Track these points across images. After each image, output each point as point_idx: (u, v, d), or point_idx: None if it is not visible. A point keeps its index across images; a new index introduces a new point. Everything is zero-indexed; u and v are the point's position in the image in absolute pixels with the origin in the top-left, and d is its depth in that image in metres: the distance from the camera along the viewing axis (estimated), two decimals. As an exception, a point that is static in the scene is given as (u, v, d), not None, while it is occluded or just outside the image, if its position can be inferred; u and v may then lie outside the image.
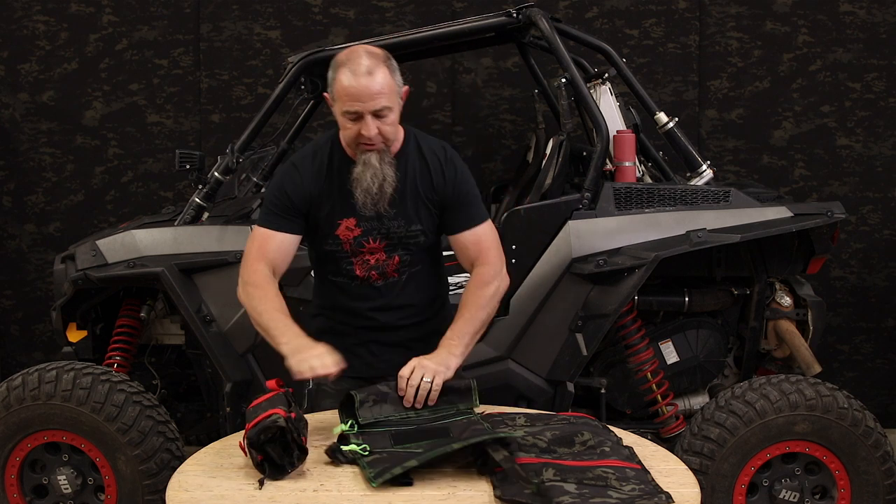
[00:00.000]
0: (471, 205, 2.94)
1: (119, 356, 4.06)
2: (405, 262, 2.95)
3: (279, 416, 2.41)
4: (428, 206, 2.92)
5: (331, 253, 2.95)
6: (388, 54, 2.86)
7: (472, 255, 2.95)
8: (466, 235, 2.94)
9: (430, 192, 2.91)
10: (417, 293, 2.99)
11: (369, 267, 2.94)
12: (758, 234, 3.73)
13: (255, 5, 5.35)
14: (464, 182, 2.94)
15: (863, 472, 3.42)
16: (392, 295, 2.97)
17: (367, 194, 2.84)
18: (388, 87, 2.78)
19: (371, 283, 2.96)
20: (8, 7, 5.42)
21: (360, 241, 2.91)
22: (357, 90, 2.75)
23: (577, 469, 2.34)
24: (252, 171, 4.41)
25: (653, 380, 3.84)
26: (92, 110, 5.44)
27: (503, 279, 2.96)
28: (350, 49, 2.86)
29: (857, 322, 5.34)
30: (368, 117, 2.77)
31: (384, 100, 2.77)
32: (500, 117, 5.37)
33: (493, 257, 2.95)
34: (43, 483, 3.69)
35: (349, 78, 2.76)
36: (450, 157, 2.95)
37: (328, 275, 3.01)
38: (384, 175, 2.83)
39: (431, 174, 2.91)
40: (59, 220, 5.51)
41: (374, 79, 2.76)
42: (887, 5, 5.20)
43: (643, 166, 4.04)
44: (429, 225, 2.94)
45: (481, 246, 2.94)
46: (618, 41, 5.20)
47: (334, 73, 2.82)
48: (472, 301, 2.90)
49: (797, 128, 5.27)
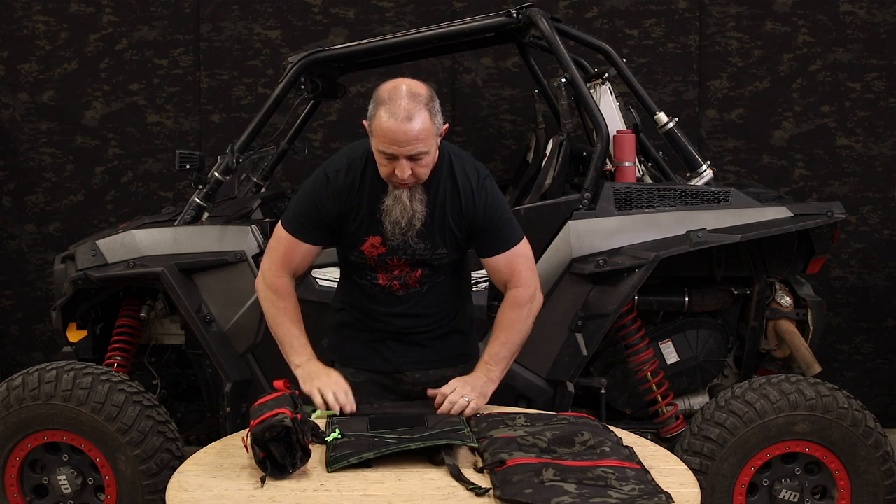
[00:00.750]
0: (502, 228, 2.91)
1: (119, 356, 4.06)
2: (427, 275, 2.96)
3: (285, 415, 2.41)
4: (455, 231, 2.90)
5: (356, 263, 2.98)
6: (432, 94, 2.80)
7: (505, 277, 2.94)
8: (498, 259, 2.93)
9: (459, 218, 2.89)
10: (438, 303, 3.00)
11: (392, 277, 2.96)
12: (758, 234, 3.72)
13: (255, 5, 5.35)
14: (495, 207, 2.90)
15: (863, 472, 3.42)
16: (412, 303, 2.98)
17: (395, 226, 2.84)
18: (426, 133, 2.73)
19: (393, 292, 2.97)
20: (8, 7, 5.42)
21: (384, 259, 2.92)
22: (395, 134, 2.70)
23: (577, 469, 2.35)
24: (252, 171, 4.42)
25: (653, 380, 3.84)
26: (92, 110, 5.45)
27: (537, 300, 2.96)
28: (394, 85, 2.78)
29: (857, 322, 5.35)
30: (403, 160, 2.74)
31: (421, 145, 2.73)
32: (500, 117, 5.37)
33: (526, 279, 2.93)
34: (43, 483, 3.68)
35: (388, 120, 2.70)
36: (482, 181, 2.90)
37: (353, 276, 3.03)
38: (413, 211, 2.82)
39: (462, 200, 2.88)
40: (59, 220, 5.51)
41: (413, 124, 2.70)
42: (887, 5, 5.20)
43: (643, 166, 4.04)
44: (454, 247, 2.93)
45: (514, 268, 2.93)
46: (618, 41, 5.21)
47: (374, 109, 2.76)
48: (507, 324, 2.92)
49: (797, 128, 5.27)
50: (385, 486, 2.33)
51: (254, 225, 3.91)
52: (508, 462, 2.38)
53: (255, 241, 3.87)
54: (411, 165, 2.75)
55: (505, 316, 2.93)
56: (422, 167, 2.78)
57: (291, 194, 4.39)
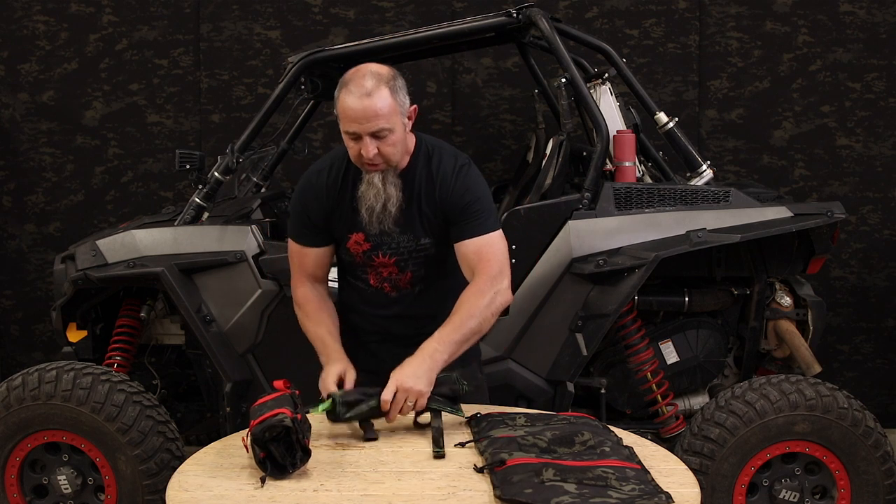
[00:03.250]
0: (476, 215, 2.87)
1: (119, 356, 4.06)
2: (418, 276, 2.96)
3: (286, 415, 2.41)
4: (432, 218, 2.90)
5: (346, 261, 3.01)
6: (395, 73, 2.82)
7: (472, 264, 2.85)
8: (466, 244, 2.86)
9: (434, 206, 2.89)
10: (431, 305, 2.98)
11: (382, 279, 2.97)
12: (758, 234, 3.72)
13: (255, 5, 5.35)
14: (470, 192, 2.88)
15: (863, 472, 3.42)
16: (405, 304, 2.98)
17: (371, 212, 2.85)
18: (389, 109, 2.74)
19: (385, 294, 2.98)
20: (8, 7, 5.42)
21: (369, 255, 2.93)
22: (355, 111, 2.74)
23: (577, 469, 2.34)
24: (252, 171, 4.42)
25: (653, 380, 3.84)
26: (92, 110, 5.45)
27: (502, 293, 2.83)
28: (357, 67, 2.83)
29: (857, 322, 5.35)
30: (367, 138, 2.76)
31: (383, 122, 2.74)
32: (500, 117, 5.37)
33: (492, 269, 2.83)
34: (43, 483, 3.69)
35: (349, 98, 2.75)
36: (459, 168, 2.89)
37: (348, 276, 3.06)
38: (387, 195, 2.83)
39: (436, 187, 2.88)
40: (59, 220, 5.51)
41: (373, 100, 2.73)
42: (887, 5, 5.20)
43: (643, 166, 4.04)
44: (437, 238, 2.92)
45: (481, 256, 2.84)
46: (618, 41, 5.21)
47: (338, 92, 2.80)
48: (464, 309, 2.79)
49: (797, 128, 5.27)
50: (385, 486, 2.33)
51: (254, 225, 3.91)
52: (508, 462, 2.38)
53: (255, 241, 3.87)
54: (377, 144, 2.76)
55: (464, 301, 2.80)
56: (388, 146, 2.78)
57: (291, 194, 4.39)
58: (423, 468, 2.42)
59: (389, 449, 2.57)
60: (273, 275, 3.82)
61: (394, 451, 2.55)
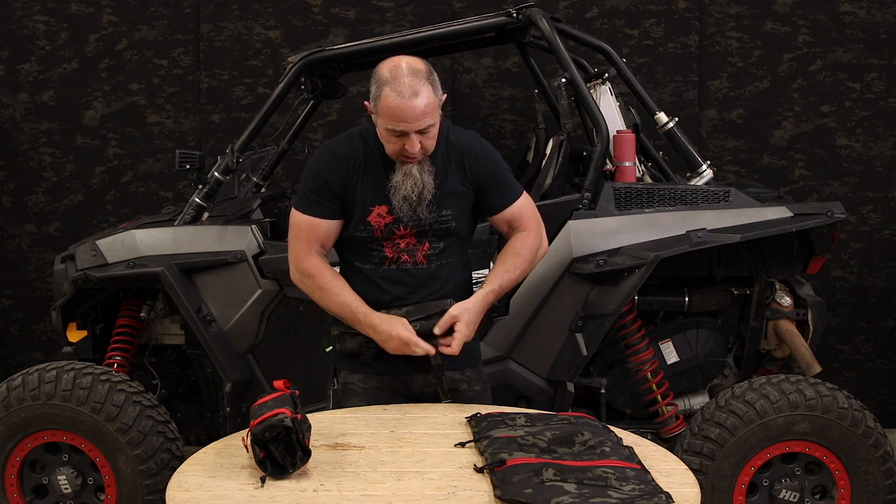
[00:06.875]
0: (504, 183, 2.99)
1: (119, 356, 4.06)
2: (435, 251, 2.95)
3: (286, 415, 2.41)
4: (462, 189, 2.95)
5: (361, 239, 2.96)
6: (430, 67, 2.86)
7: (515, 225, 3.03)
8: (505, 214, 3.01)
9: (464, 177, 2.94)
10: (444, 286, 2.97)
11: (399, 249, 2.95)
12: (758, 234, 3.73)
13: (255, 5, 5.35)
14: (495, 161, 2.99)
15: (863, 472, 3.42)
16: (419, 281, 2.95)
17: (405, 201, 2.88)
18: (432, 106, 2.80)
19: (400, 265, 2.95)
20: (8, 7, 5.42)
21: (391, 229, 2.93)
22: (403, 112, 2.76)
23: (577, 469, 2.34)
24: (252, 171, 4.42)
25: (653, 380, 3.84)
26: (92, 110, 5.45)
27: (544, 244, 3.05)
28: (394, 64, 2.83)
29: (857, 322, 5.35)
30: (413, 136, 2.80)
31: (429, 119, 2.80)
32: (500, 117, 5.37)
33: (532, 223, 3.03)
34: (43, 483, 3.69)
35: (395, 98, 2.76)
36: (476, 139, 3.01)
37: (355, 261, 3.00)
38: (424, 184, 2.87)
39: (465, 159, 2.94)
40: (59, 220, 5.51)
41: (420, 100, 2.77)
42: (887, 5, 5.20)
43: (643, 166, 4.04)
44: (459, 210, 2.95)
45: (521, 217, 3.02)
46: (618, 41, 5.21)
47: (378, 90, 2.81)
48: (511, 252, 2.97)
49: (797, 128, 5.27)
50: (385, 486, 2.33)
51: (254, 225, 3.91)
52: (508, 462, 2.38)
53: (255, 241, 3.87)
54: (420, 138, 2.81)
55: (513, 244, 2.99)
56: (429, 139, 2.85)
57: (291, 194, 4.39)
58: (423, 468, 2.42)
59: (389, 449, 2.57)
60: (273, 275, 3.83)
61: (394, 451, 2.55)
